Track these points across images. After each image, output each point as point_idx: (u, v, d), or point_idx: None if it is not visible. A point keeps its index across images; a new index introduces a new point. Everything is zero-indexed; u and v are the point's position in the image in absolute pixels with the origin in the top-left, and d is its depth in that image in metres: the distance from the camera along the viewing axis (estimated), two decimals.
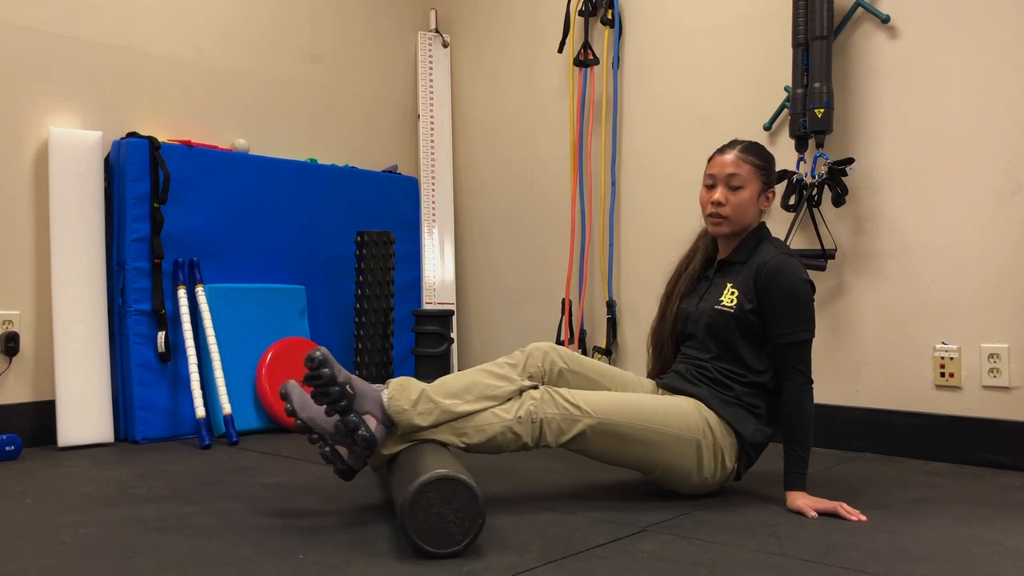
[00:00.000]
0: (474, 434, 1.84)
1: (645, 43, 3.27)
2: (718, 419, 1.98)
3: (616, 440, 1.91)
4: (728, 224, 2.07)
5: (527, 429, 1.85)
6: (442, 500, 1.54)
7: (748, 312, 1.99)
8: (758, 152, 2.09)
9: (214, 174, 3.06)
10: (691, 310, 2.12)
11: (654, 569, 1.50)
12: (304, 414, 1.79)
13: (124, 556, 1.56)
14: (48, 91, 2.79)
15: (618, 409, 1.91)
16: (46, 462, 2.45)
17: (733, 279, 2.06)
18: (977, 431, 2.50)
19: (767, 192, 2.09)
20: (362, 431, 1.75)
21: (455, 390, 1.86)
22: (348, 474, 1.84)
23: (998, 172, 2.50)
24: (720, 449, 1.97)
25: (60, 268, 2.72)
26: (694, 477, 1.97)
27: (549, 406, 1.87)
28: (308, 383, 1.75)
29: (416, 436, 1.82)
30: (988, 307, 2.50)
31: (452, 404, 1.83)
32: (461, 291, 3.85)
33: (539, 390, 1.90)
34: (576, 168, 3.42)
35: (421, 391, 1.83)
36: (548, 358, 2.01)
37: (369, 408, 1.79)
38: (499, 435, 1.84)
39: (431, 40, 3.89)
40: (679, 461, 1.94)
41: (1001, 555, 1.61)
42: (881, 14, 2.67)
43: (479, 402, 1.86)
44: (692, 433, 1.94)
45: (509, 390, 1.89)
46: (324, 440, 1.80)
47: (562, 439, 1.88)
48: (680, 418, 1.94)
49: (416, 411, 1.80)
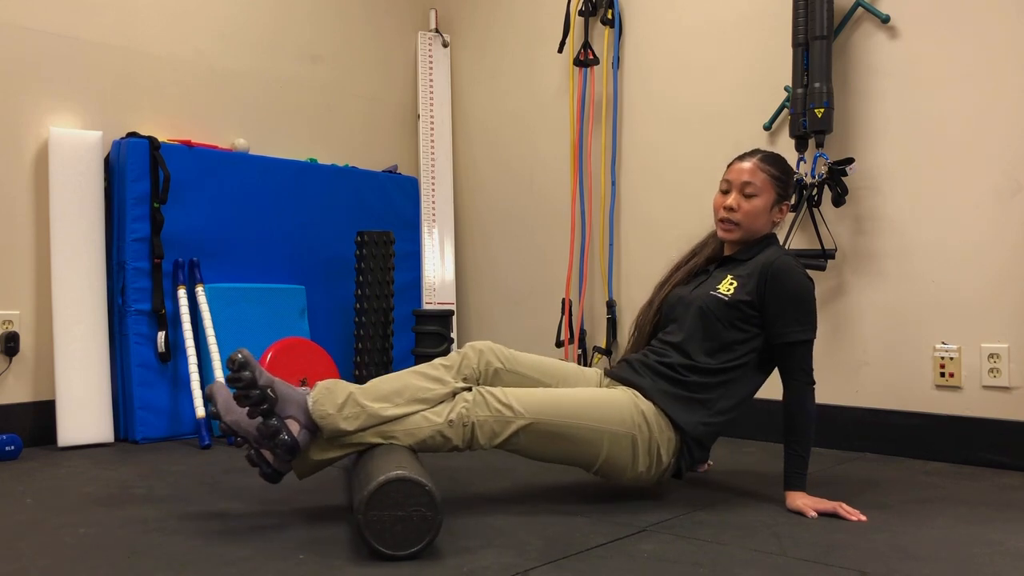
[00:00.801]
0: (403, 437, 1.81)
1: (645, 43, 3.27)
2: (656, 411, 1.95)
3: (550, 439, 1.89)
4: (738, 231, 2.07)
5: (458, 432, 1.83)
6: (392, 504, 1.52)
7: (743, 304, 1.99)
8: (777, 163, 2.09)
9: (214, 174, 3.06)
10: (683, 294, 2.11)
11: (654, 569, 1.50)
12: (228, 417, 1.77)
13: (124, 556, 1.56)
14: (48, 91, 2.79)
15: (552, 407, 1.89)
16: (46, 462, 2.45)
17: (734, 272, 2.06)
18: (977, 431, 2.50)
19: (781, 204, 2.09)
20: (283, 435, 1.72)
21: (385, 393, 1.83)
22: (274, 477, 1.80)
23: (998, 172, 2.50)
24: (656, 443, 1.94)
25: (60, 268, 2.72)
26: (629, 472, 1.95)
27: (481, 408, 1.85)
28: (229, 384, 1.72)
29: (343, 441, 1.79)
30: (988, 307, 2.50)
31: (380, 408, 1.80)
32: (461, 291, 3.85)
33: (472, 392, 1.88)
34: (576, 168, 3.42)
35: (348, 395, 1.80)
36: (484, 358, 1.98)
37: (292, 412, 1.76)
38: (428, 439, 1.82)
39: (431, 40, 3.89)
40: (614, 456, 1.92)
41: (1001, 555, 1.61)
42: (881, 14, 2.67)
43: (409, 405, 1.83)
44: (627, 428, 1.92)
45: (441, 393, 1.87)
46: (248, 443, 1.78)
47: (495, 441, 1.86)
48: (615, 412, 1.92)
49: (342, 415, 1.77)
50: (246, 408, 1.73)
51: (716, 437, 2.04)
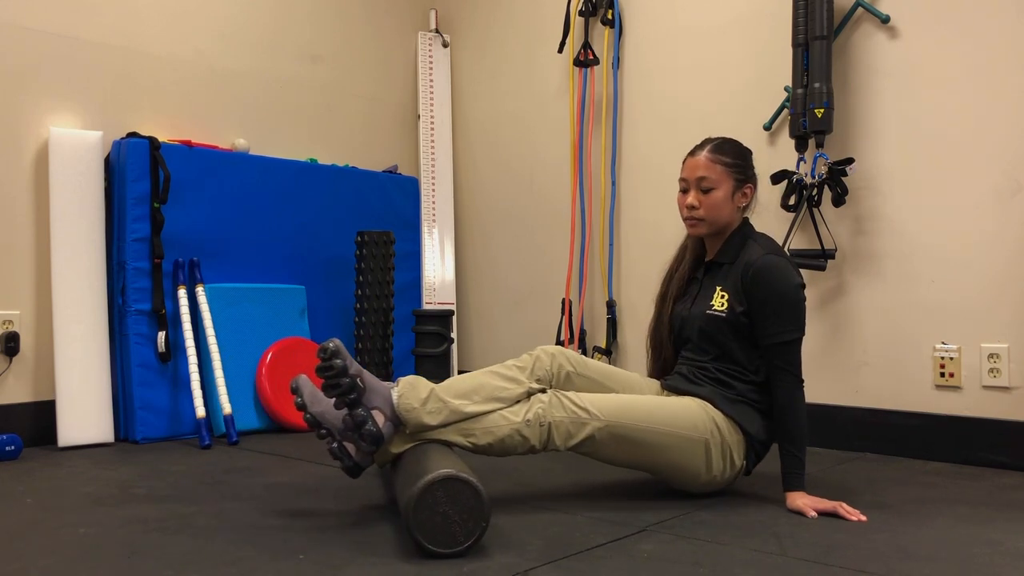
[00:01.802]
0: (482, 436, 1.84)
1: (645, 43, 3.27)
2: (724, 417, 1.98)
3: (625, 442, 1.91)
4: (704, 225, 2.08)
5: (535, 432, 1.85)
6: (448, 499, 1.54)
7: (740, 315, 2.00)
8: (730, 150, 2.08)
9: (214, 174, 3.06)
10: (685, 314, 2.12)
11: (654, 569, 1.50)
12: (314, 408, 1.79)
13: (124, 556, 1.56)
14: (48, 91, 2.79)
15: (626, 411, 1.91)
16: (46, 462, 2.45)
17: (722, 281, 2.06)
18: (977, 431, 2.50)
19: (743, 188, 2.08)
20: (369, 426, 1.75)
21: (464, 391, 1.86)
22: (355, 471, 1.84)
23: (998, 172, 2.50)
24: (728, 447, 1.97)
25: (60, 268, 2.72)
26: (703, 476, 1.97)
27: (557, 409, 1.87)
28: (319, 374, 1.75)
29: (424, 435, 1.82)
30: (988, 307, 2.50)
31: (461, 404, 1.83)
32: (461, 291, 3.85)
33: (547, 393, 1.90)
34: (576, 168, 3.42)
35: (430, 390, 1.83)
36: (556, 361, 2.01)
37: (378, 404, 1.79)
38: (507, 437, 1.84)
39: (431, 40, 3.89)
40: (688, 461, 1.95)
41: (1001, 555, 1.61)
42: (881, 14, 2.67)
43: (487, 403, 1.86)
44: (700, 433, 1.94)
45: (517, 392, 1.90)
46: (332, 436, 1.81)
47: (571, 442, 1.88)
48: (687, 418, 1.95)
49: (425, 410, 1.81)
50: (333, 399, 1.76)
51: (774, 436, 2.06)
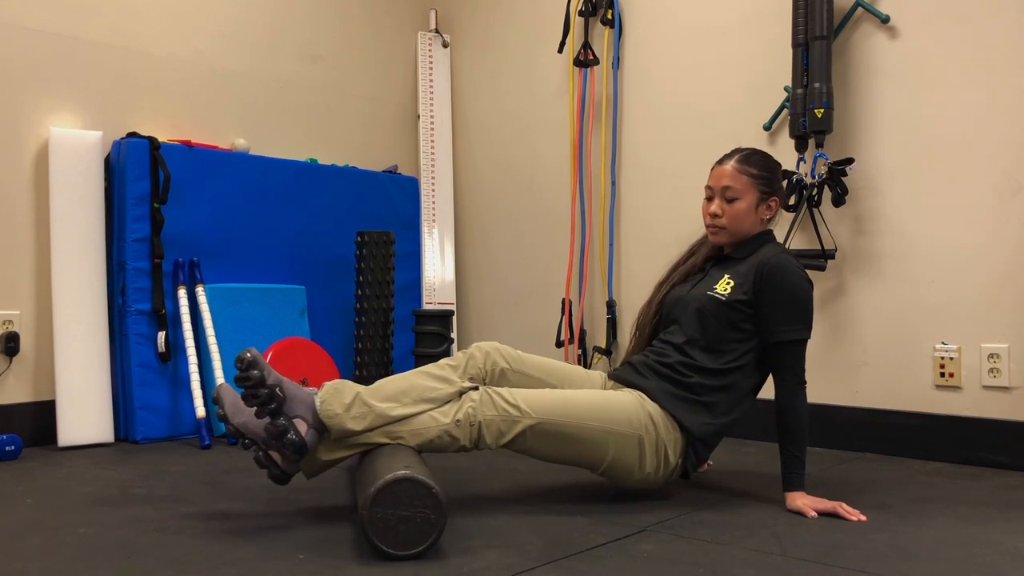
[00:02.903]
0: (410, 438, 1.81)
1: (645, 43, 3.27)
2: (662, 412, 1.95)
3: (557, 439, 1.89)
4: (726, 234, 2.08)
5: (465, 432, 1.83)
6: (399, 503, 1.52)
7: (740, 303, 1.99)
8: (758, 161, 2.08)
9: (214, 174, 3.06)
10: (681, 294, 2.11)
11: (654, 569, 1.50)
12: (236, 419, 1.77)
13: (124, 556, 1.56)
14: (48, 91, 2.79)
15: (559, 408, 1.89)
16: (46, 462, 2.45)
17: (731, 271, 2.05)
18: (977, 431, 2.50)
19: (768, 201, 2.07)
20: (291, 435, 1.72)
21: (392, 393, 1.83)
22: (282, 479, 1.80)
23: (998, 172, 2.50)
24: (663, 444, 1.94)
25: (60, 268, 2.72)
26: (636, 473, 1.95)
27: (488, 408, 1.85)
28: (237, 384, 1.72)
29: (350, 441, 1.80)
30: (988, 307, 2.50)
31: (387, 408, 1.80)
32: (461, 291, 3.85)
33: (478, 391, 1.88)
34: (576, 168, 3.42)
35: (356, 395, 1.80)
36: (490, 358, 1.99)
37: (300, 412, 1.76)
38: (436, 439, 1.82)
39: (431, 40, 3.89)
40: (621, 457, 1.92)
41: (1001, 555, 1.61)
42: (881, 14, 2.67)
43: (416, 405, 1.83)
44: (633, 429, 1.92)
45: (448, 392, 1.87)
46: (256, 445, 1.78)
47: (502, 440, 1.86)
48: (622, 414, 1.92)
49: (349, 415, 1.77)
50: (254, 408, 1.74)
51: (721, 437, 2.04)
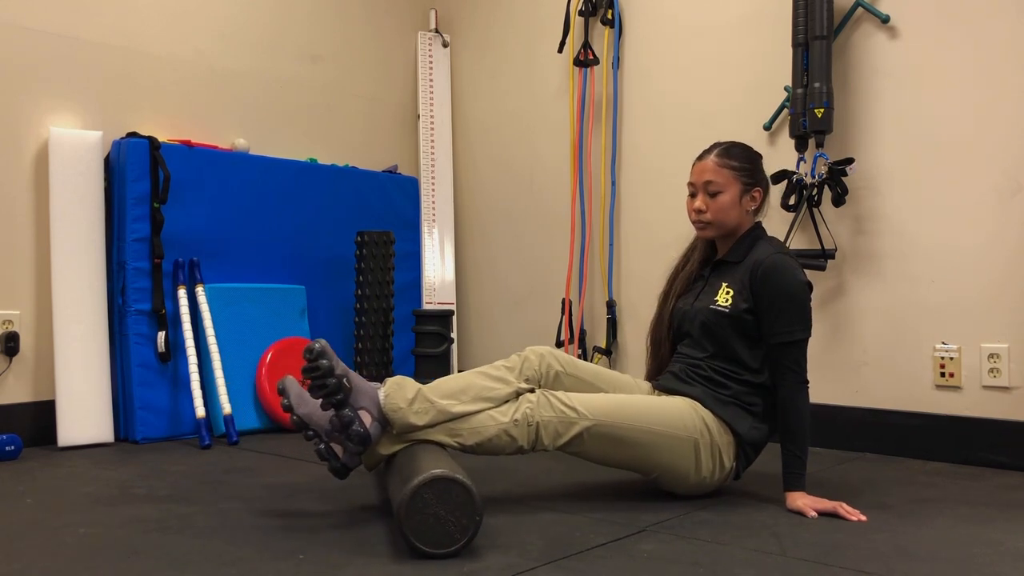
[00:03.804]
0: (469, 436, 1.83)
1: (645, 43, 3.27)
2: (714, 418, 1.98)
3: (613, 442, 1.91)
4: (712, 229, 2.08)
5: (523, 432, 1.85)
6: (438, 500, 1.54)
7: (743, 311, 1.99)
8: (738, 154, 2.08)
9: (214, 174, 3.06)
10: (686, 309, 2.12)
11: (654, 569, 1.50)
12: (301, 410, 1.79)
13: (124, 556, 1.56)
14: (48, 91, 2.79)
15: (614, 411, 1.91)
16: (46, 462, 2.45)
17: (729, 278, 2.06)
18: (977, 431, 2.50)
19: (752, 192, 2.08)
20: (356, 426, 1.75)
21: (451, 391, 1.86)
22: (342, 472, 1.83)
23: (998, 172, 2.50)
24: (718, 448, 1.97)
25: (60, 268, 2.71)
26: (692, 477, 1.96)
27: (545, 409, 1.87)
28: (305, 374, 1.74)
29: (411, 436, 1.82)
30: (988, 307, 2.50)
31: (448, 404, 1.83)
32: (461, 291, 3.85)
33: (535, 393, 1.90)
34: (576, 168, 3.42)
35: (417, 390, 1.83)
36: (545, 361, 2.01)
37: (365, 404, 1.79)
38: (495, 437, 1.84)
39: (431, 40, 3.89)
40: (677, 461, 1.94)
41: (1001, 555, 1.61)
42: (881, 14, 2.67)
43: (475, 403, 1.85)
44: (689, 433, 1.94)
45: (505, 392, 1.89)
46: (319, 437, 1.80)
47: (559, 442, 1.88)
48: (677, 418, 1.94)
49: (412, 410, 1.80)
50: (319, 400, 1.76)
51: (767, 440, 2.05)
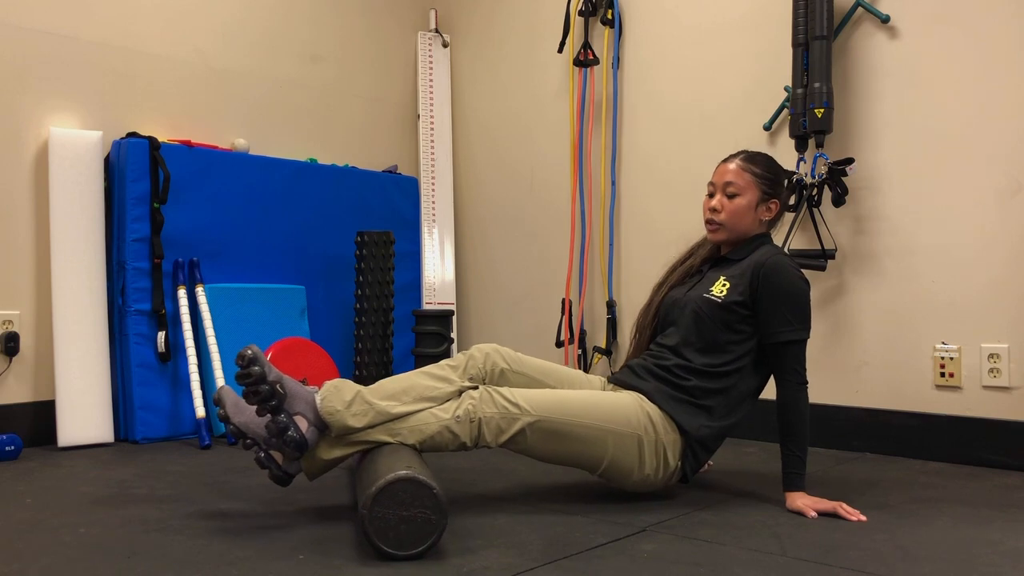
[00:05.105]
0: (410, 434, 1.81)
1: (645, 43, 3.27)
2: (661, 414, 1.96)
3: (556, 438, 1.89)
4: (724, 231, 2.08)
5: (465, 429, 1.83)
6: (396, 505, 1.52)
7: (736, 304, 1.99)
8: (762, 163, 2.09)
9: (214, 174, 3.06)
10: (678, 297, 2.12)
11: (654, 569, 1.50)
12: (238, 418, 1.77)
13: (124, 556, 1.56)
14: (48, 91, 2.79)
15: (557, 406, 1.89)
16: (46, 462, 2.45)
17: (727, 273, 2.06)
18: (977, 431, 2.50)
19: (768, 202, 2.08)
20: (291, 432, 1.72)
21: (392, 392, 1.84)
22: (284, 480, 1.80)
23: (998, 172, 2.50)
24: (662, 445, 1.95)
25: (60, 268, 2.72)
26: (636, 474, 1.95)
27: (488, 405, 1.85)
28: (238, 381, 1.72)
29: (351, 438, 1.80)
30: (988, 307, 2.50)
31: (388, 405, 1.81)
32: (461, 291, 3.85)
33: (478, 390, 1.88)
34: (576, 168, 3.42)
35: (356, 392, 1.81)
36: (490, 359, 2.00)
37: (301, 409, 1.76)
38: (436, 434, 1.82)
39: (431, 40, 3.89)
40: (620, 457, 1.92)
41: (1001, 555, 1.61)
42: (881, 14, 2.67)
43: (416, 404, 1.83)
44: (632, 429, 1.92)
45: (448, 391, 1.88)
46: (258, 445, 1.78)
47: (501, 438, 1.86)
48: (620, 414, 1.93)
49: (350, 412, 1.78)
50: (255, 407, 1.74)
51: (720, 440, 2.04)
